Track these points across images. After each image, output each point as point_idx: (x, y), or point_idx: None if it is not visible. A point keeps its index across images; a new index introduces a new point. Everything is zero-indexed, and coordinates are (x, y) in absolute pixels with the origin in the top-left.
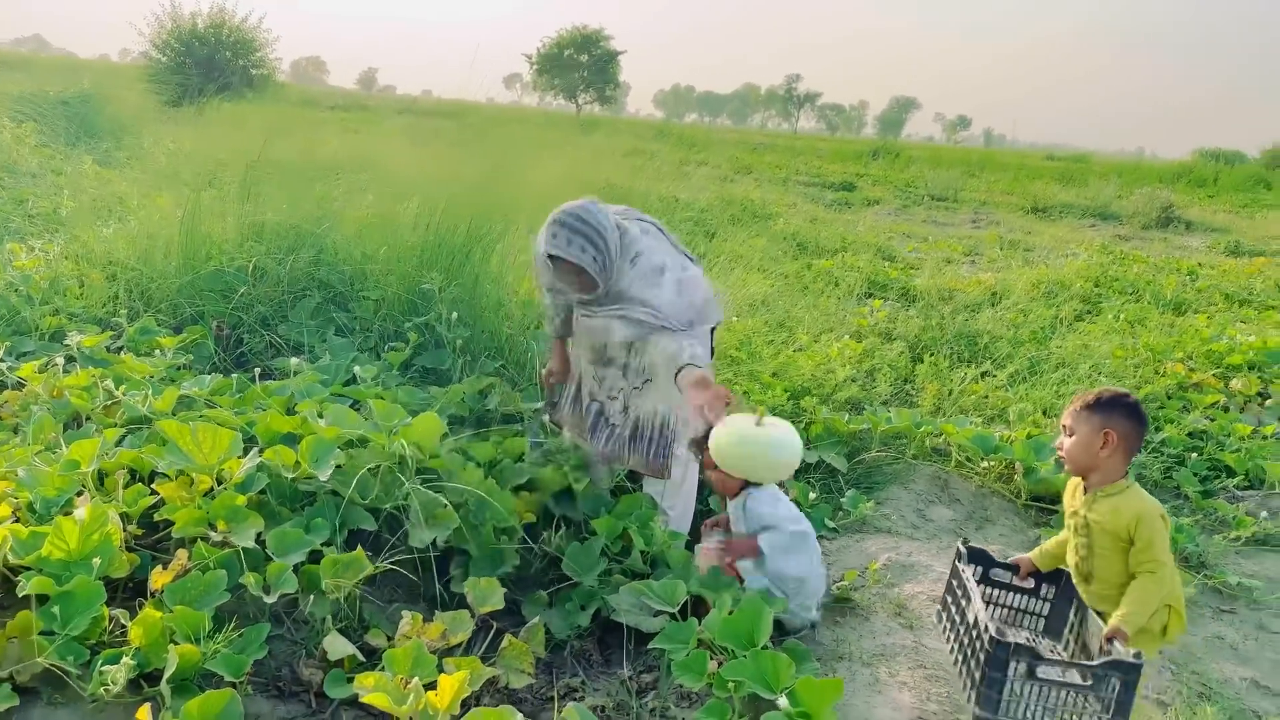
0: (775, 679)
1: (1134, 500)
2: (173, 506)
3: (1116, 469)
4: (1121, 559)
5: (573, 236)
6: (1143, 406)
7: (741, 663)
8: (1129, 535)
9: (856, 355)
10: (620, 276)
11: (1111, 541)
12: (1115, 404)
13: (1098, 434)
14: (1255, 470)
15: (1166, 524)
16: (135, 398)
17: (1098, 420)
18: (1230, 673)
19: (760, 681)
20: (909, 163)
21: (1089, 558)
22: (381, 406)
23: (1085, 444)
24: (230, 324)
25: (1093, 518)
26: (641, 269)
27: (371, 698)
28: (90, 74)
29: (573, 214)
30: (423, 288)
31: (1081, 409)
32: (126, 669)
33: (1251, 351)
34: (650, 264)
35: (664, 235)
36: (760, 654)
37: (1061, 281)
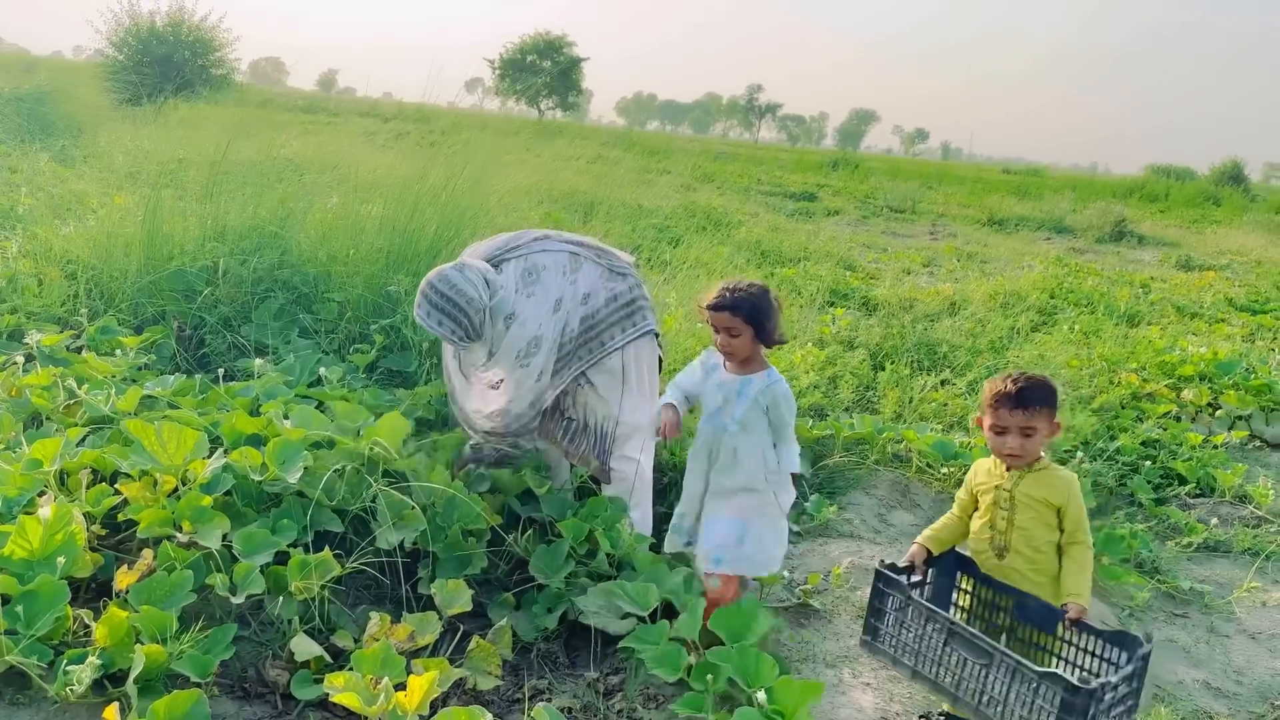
0: (756, 675)
1: (1060, 473)
2: (137, 507)
3: (1035, 450)
4: (1042, 529)
5: (431, 310)
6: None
7: (726, 652)
8: (1060, 505)
9: (819, 362)
10: (496, 338)
11: (1037, 513)
12: (1051, 392)
13: (1051, 427)
14: (1206, 478)
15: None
16: (98, 397)
17: (1048, 412)
18: (1183, 675)
19: (741, 674)
20: (868, 174)
21: (1008, 531)
22: (344, 408)
23: (1041, 442)
24: (192, 324)
25: (1021, 491)
26: (513, 339)
27: (342, 697)
28: (45, 70)
29: (436, 286)
30: (388, 290)
31: (1040, 407)
32: (92, 669)
33: (1202, 363)
34: (523, 334)
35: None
36: (746, 649)
37: (1018, 293)
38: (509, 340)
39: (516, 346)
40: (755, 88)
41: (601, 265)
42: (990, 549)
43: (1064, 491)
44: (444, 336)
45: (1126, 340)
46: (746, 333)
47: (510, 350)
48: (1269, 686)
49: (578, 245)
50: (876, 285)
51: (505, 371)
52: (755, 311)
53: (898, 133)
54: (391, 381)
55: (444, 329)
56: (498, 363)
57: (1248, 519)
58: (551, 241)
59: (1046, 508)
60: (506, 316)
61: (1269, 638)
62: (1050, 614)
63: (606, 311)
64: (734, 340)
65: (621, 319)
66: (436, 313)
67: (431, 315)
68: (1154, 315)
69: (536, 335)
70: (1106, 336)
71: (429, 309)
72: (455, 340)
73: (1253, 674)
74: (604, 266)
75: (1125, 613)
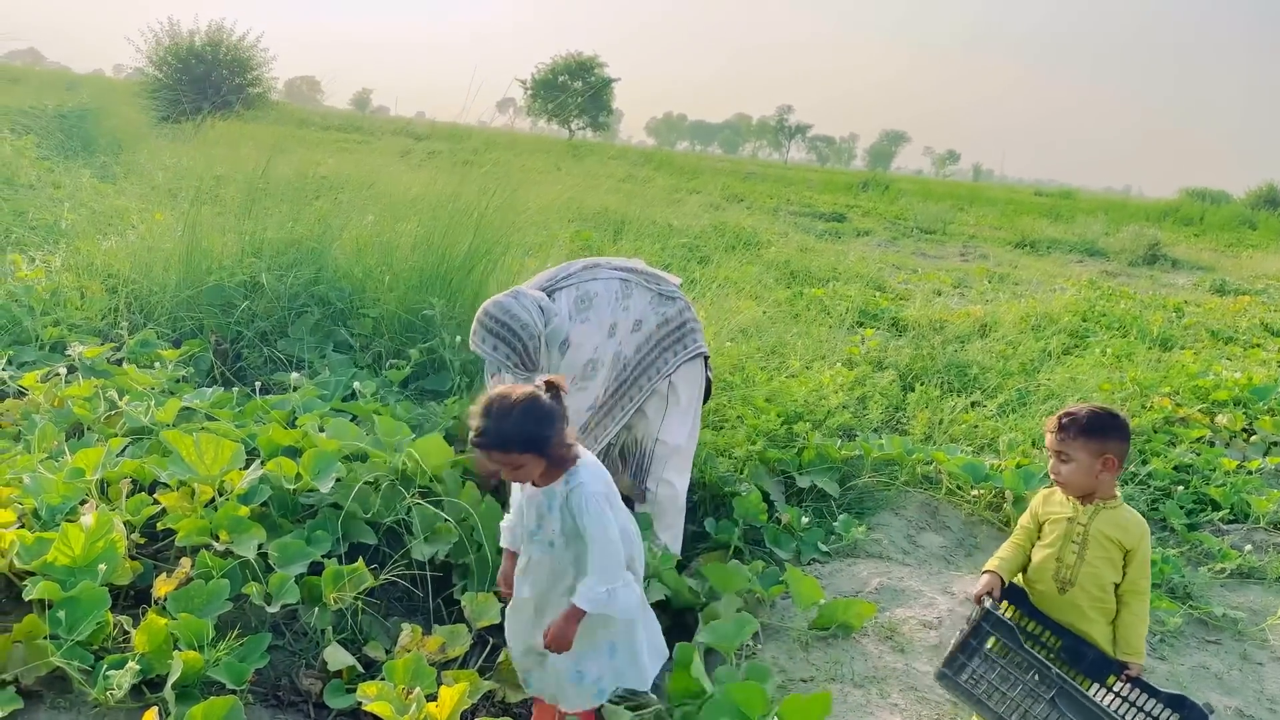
0: (752, 707)
1: (1134, 516)
2: (175, 516)
3: (1111, 486)
4: (1109, 569)
5: (487, 335)
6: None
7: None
8: (1130, 548)
9: (848, 382)
10: (551, 365)
11: (1107, 552)
12: (1110, 428)
13: (1096, 459)
14: (1240, 504)
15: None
16: (137, 408)
17: (1095, 446)
18: (1216, 702)
19: (737, 716)
20: (898, 195)
21: (1077, 565)
22: (386, 423)
23: (1085, 469)
24: (230, 338)
25: (1095, 528)
26: (569, 364)
27: (374, 706)
28: (87, 88)
29: (492, 314)
30: (424, 314)
31: (1077, 435)
32: (131, 674)
33: (1237, 388)
34: (579, 358)
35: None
36: (730, 687)
37: (1049, 315)
38: (565, 367)
39: (572, 372)
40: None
41: (651, 290)
42: (1054, 581)
43: (1136, 535)
44: (499, 363)
45: (1159, 364)
46: (530, 462)
47: (567, 377)
48: None
49: (628, 271)
50: (906, 306)
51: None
52: (521, 442)
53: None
54: (425, 399)
55: (499, 354)
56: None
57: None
58: (602, 270)
59: (1117, 548)
60: (561, 343)
61: None
62: (1105, 665)
63: (659, 336)
64: (519, 471)
65: (673, 343)
66: (492, 338)
67: (487, 340)
68: (1188, 339)
69: (593, 359)
70: (1139, 360)
71: (484, 334)
72: (511, 366)
73: None
74: (654, 291)
75: (1157, 638)
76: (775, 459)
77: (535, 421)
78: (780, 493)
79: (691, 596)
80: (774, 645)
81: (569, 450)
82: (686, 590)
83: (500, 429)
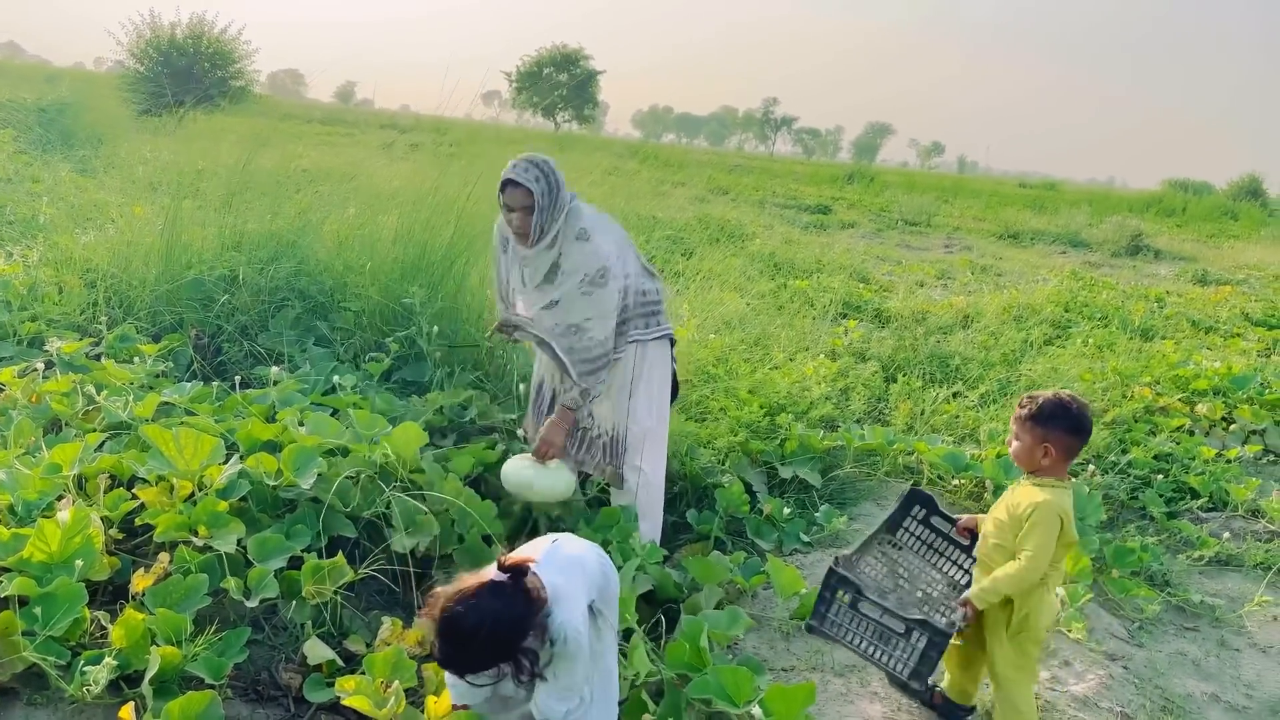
0: (739, 691)
1: (1044, 496)
2: (154, 511)
3: (1058, 472)
4: (995, 530)
5: (529, 166)
6: (1085, 413)
7: (704, 680)
8: (1017, 517)
9: (831, 374)
10: (565, 248)
11: (999, 514)
12: (1055, 418)
13: (1038, 445)
14: (1219, 493)
15: (1066, 529)
16: (116, 403)
17: (1039, 433)
18: (1193, 688)
19: (724, 694)
20: (883, 187)
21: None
22: (363, 416)
23: (1026, 451)
24: (209, 332)
25: (1006, 493)
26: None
27: (352, 700)
28: (66, 82)
29: (535, 156)
30: (404, 302)
31: (1026, 419)
32: (108, 669)
33: (1216, 377)
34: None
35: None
36: (723, 668)
37: (1032, 306)
38: (579, 258)
39: (584, 269)
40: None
41: (641, 259)
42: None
43: (1025, 509)
44: (531, 188)
45: (1140, 354)
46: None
47: (577, 270)
48: (1279, 700)
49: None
50: (890, 297)
51: (567, 294)
52: (492, 662)
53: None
54: (406, 391)
55: (530, 175)
56: (563, 280)
57: (1260, 533)
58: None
59: (1006, 513)
60: (580, 230)
61: (1279, 652)
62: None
63: (638, 303)
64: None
65: (650, 314)
66: (534, 169)
67: (529, 171)
68: (1169, 329)
69: (604, 266)
70: (1120, 350)
71: (526, 164)
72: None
73: (1263, 688)
74: (642, 262)
75: (1135, 625)
76: (758, 450)
77: (500, 642)
78: (762, 483)
79: (674, 589)
80: (755, 635)
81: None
82: (670, 583)
83: (466, 659)
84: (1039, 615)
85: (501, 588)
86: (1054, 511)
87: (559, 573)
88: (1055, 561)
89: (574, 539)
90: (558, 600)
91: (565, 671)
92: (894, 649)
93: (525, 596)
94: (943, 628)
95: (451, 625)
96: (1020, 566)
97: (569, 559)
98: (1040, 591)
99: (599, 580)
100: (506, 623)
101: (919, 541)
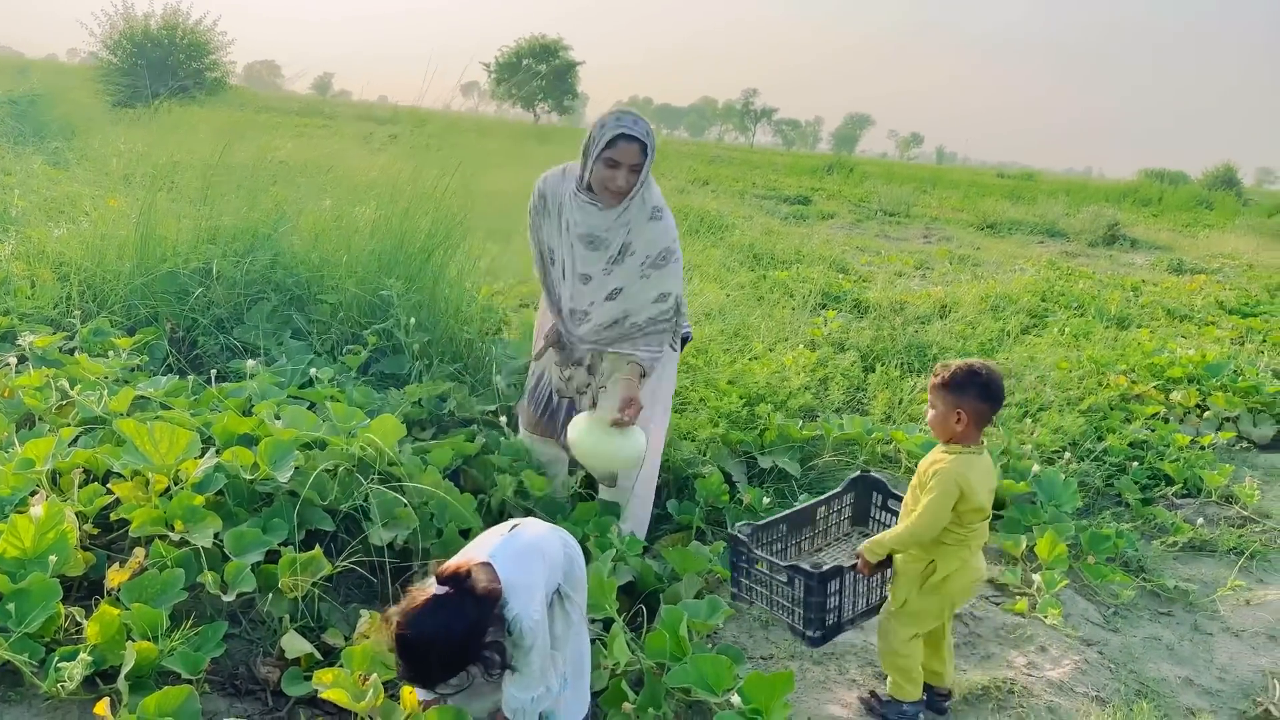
0: (718, 680)
1: (950, 460)
2: (129, 506)
3: (970, 439)
4: (909, 496)
5: (641, 120)
6: (996, 379)
7: (683, 669)
8: (922, 484)
9: (810, 364)
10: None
11: (915, 489)
12: (968, 384)
13: (952, 412)
14: (1193, 479)
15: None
16: (90, 398)
17: (951, 400)
18: (1166, 672)
19: (703, 682)
20: (863, 178)
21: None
22: (340, 409)
23: (941, 419)
24: (185, 326)
25: (920, 465)
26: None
27: (330, 693)
28: (38, 73)
29: (635, 111)
30: (381, 294)
31: (939, 387)
32: (83, 666)
33: (1191, 365)
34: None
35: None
36: (701, 657)
37: (1009, 296)
38: (650, 235)
39: (651, 248)
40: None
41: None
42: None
43: (929, 473)
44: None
45: (1116, 343)
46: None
47: (647, 247)
48: (1251, 683)
49: None
50: (869, 288)
51: (629, 280)
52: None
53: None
54: (384, 383)
55: (642, 129)
56: (627, 256)
57: (1233, 519)
58: None
59: (918, 478)
60: (655, 209)
61: (1252, 635)
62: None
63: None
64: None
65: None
66: (635, 116)
67: (628, 118)
68: (1144, 318)
69: (668, 248)
70: (1096, 339)
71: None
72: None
73: (1235, 671)
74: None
75: (1110, 611)
76: (737, 440)
77: (456, 653)
78: (742, 473)
79: (654, 579)
80: (735, 625)
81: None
82: (650, 573)
83: (427, 674)
84: (959, 577)
85: (444, 601)
86: (953, 477)
87: (514, 562)
88: (967, 525)
89: (535, 522)
90: (513, 591)
91: (523, 663)
92: (791, 604)
93: (473, 600)
94: (809, 569)
95: (405, 646)
96: (907, 525)
97: (527, 545)
98: (960, 553)
99: (562, 564)
100: (458, 633)
101: (884, 527)
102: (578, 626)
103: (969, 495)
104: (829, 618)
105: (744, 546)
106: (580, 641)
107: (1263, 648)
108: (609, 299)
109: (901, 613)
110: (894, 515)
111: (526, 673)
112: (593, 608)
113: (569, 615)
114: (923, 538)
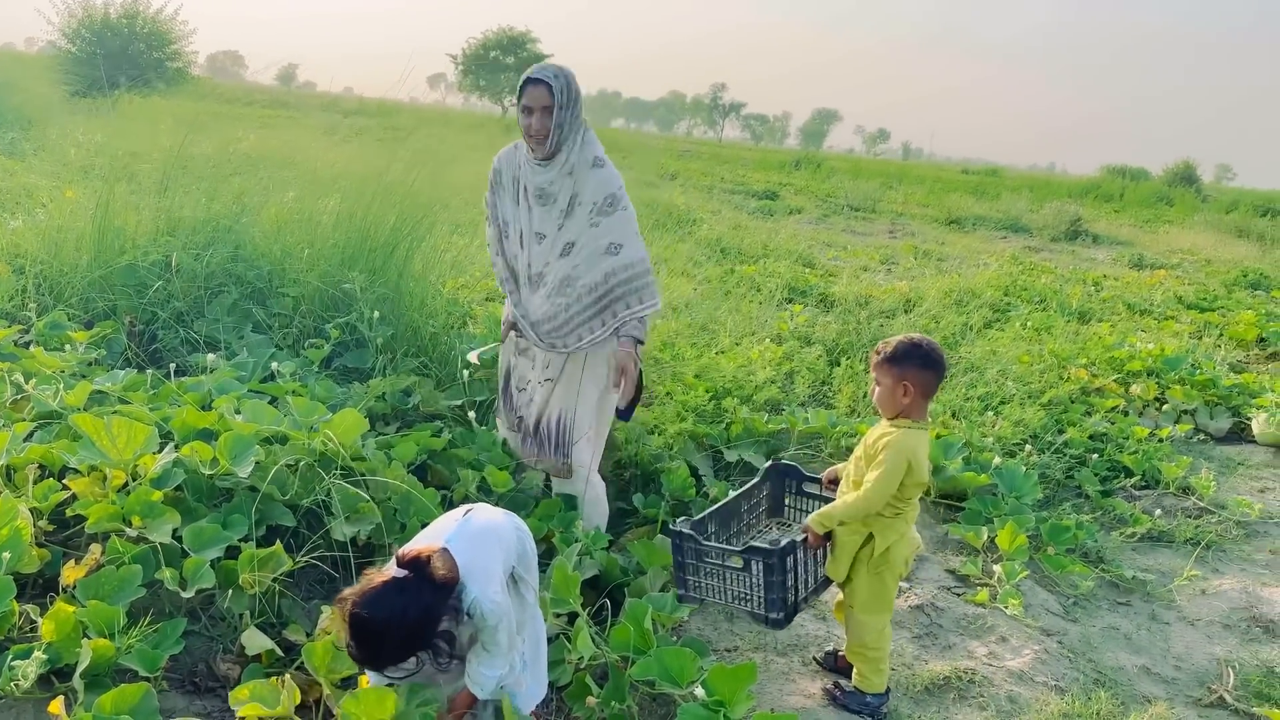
0: (682, 672)
1: (899, 435)
2: (85, 502)
3: (917, 411)
4: (854, 467)
5: (549, 66)
6: (936, 349)
7: (647, 662)
8: (872, 455)
9: (776, 358)
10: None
11: (857, 452)
12: (910, 356)
13: (898, 385)
14: (1151, 471)
15: (914, 469)
16: (46, 392)
17: (895, 373)
18: (1124, 660)
19: (666, 675)
20: (830, 173)
21: (848, 477)
22: (301, 403)
23: (888, 394)
24: (144, 319)
25: (865, 438)
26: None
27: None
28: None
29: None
30: (345, 287)
31: (882, 362)
32: (37, 664)
33: (1150, 359)
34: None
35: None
36: (665, 650)
37: (972, 290)
38: (594, 183)
39: (597, 194)
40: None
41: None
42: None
43: (879, 445)
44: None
45: (1077, 336)
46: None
47: (593, 194)
48: (1206, 672)
49: None
50: (835, 282)
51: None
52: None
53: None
54: (347, 378)
55: (548, 73)
56: (576, 207)
57: (1190, 510)
58: None
59: (864, 450)
60: (595, 158)
61: (1207, 625)
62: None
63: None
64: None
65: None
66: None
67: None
68: (1105, 312)
69: (613, 194)
70: (1058, 333)
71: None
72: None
73: (1191, 660)
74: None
75: (1070, 601)
76: (704, 434)
77: (410, 637)
78: (708, 467)
79: (619, 573)
80: (699, 617)
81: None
82: (615, 567)
83: (378, 657)
84: (899, 549)
85: (404, 584)
86: (903, 449)
87: (470, 546)
88: (907, 498)
89: (487, 508)
90: (470, 576)
91: (490, 641)
92: (749, 590)
93: (431, 586)
94: (768, 547)
95: (359, 627)
96: (858, 495)
97: (482, 529)
98: (899, 525)
99: (516, 546)
100: (413, 617)
101: (803, 514)
102: (533, 609)
103: (916, 469)
104: (790, 595)
105: (690, 540)
106: (536, 624)
107: (1218, 636)
108: (563, 255)
109: (867, 603)
110: (811, 499)
111: (495, 651)
112: (557, 601)
113: (524, 597)
114: (873, 509)
